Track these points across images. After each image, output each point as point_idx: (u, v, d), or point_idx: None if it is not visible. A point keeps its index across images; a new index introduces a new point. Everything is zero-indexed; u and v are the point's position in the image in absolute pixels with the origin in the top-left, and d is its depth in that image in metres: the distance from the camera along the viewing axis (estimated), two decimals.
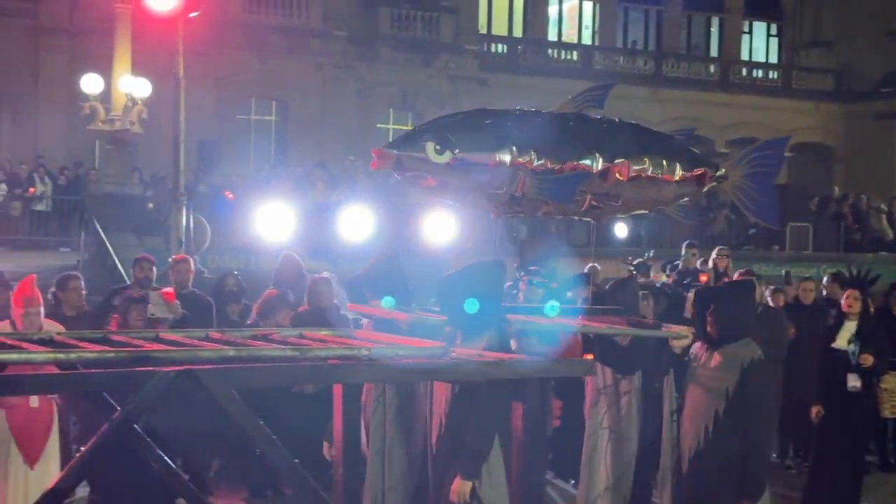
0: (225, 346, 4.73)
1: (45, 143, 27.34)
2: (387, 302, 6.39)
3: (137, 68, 20.04)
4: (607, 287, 8.42)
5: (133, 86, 19.57)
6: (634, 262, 13.13)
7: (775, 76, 40.00)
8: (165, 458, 5.30)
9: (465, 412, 5.89)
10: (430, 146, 5.77)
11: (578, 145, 6.16)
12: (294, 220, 14.26)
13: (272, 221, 14.16)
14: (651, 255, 15.18)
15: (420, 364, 4.96)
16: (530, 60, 35.24)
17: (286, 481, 4.72)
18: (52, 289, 9.72)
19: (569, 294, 11.80)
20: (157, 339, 5.01)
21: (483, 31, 35.62)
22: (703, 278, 12.78)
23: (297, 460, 4.62)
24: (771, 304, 11.48)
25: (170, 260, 11.96)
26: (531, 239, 23.26)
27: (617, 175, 6.21)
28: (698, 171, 6.65)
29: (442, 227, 14.60)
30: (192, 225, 17.76)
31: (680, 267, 13.40)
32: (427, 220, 15.21)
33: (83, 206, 21.49)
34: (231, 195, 22.32)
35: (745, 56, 40.35)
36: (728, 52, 39.64)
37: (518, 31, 36.86)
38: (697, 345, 6.66)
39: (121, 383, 4.27)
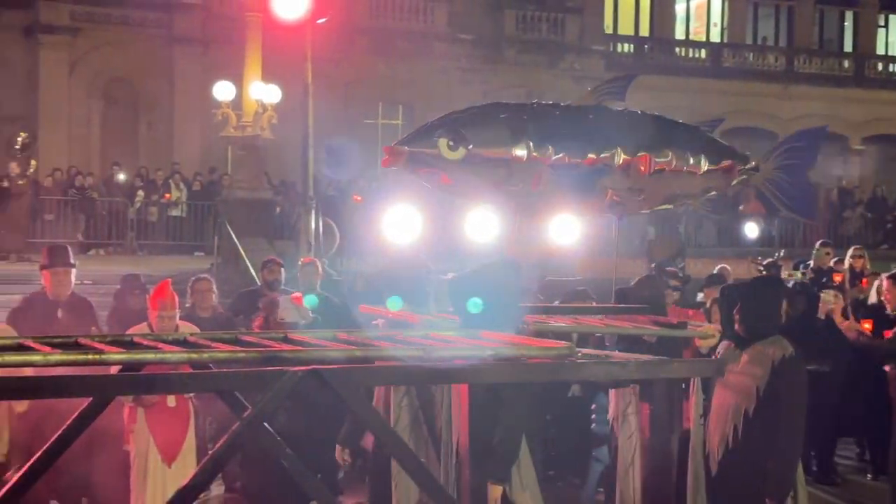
0: (351, 347, 4.78)
1: (180, 150, 28.11)
2: (392, 303, 6.22)
3: (267, 75, 20.43)
4: (632, 284, 8.10)
5: (263, 92, 19.98)
6: (764, 262, 12.87)
7: None
8: (296, 457, 5.38)
9: (490, 414, 5.74)
10: (442, 142, 5.54)
11: (598, 138, 5.92)
12: (420, 221, 14.33)
13: (399, 224, 14.25)
14: (782, 254, 14.87)
15: (546, 365, 4.94)
16: (657, 60, 34.88)
17: (412, 481, 4.75)
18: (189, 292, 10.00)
19: (699, 296, 11.64)
20: (286, 340, 5.08)
21: (609, 30, 35.38)
22: (838, 278, 12.45)
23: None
24: None
25: (298, 263, 12.17)
26: (659, 239, 23.01)
27: (639, 168, 5.98)
28: (725, 164, 6.39)
29: (566, 229, 14.54)
30: (321, 228, 18.03)
31: (812, 266, 13.07)
32: (552, 223, 15.14)
33: (216, 211, 22.00)
34: (359, 198, 22.60)
35: (880, 50, 39.20)
36: (862, 47, 38.57)
37: (644, 30, 36.49)
38: (724, 344, 6.43)
39: (250, 383, 4.36)
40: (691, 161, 6.22)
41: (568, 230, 14.74)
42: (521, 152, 5.66)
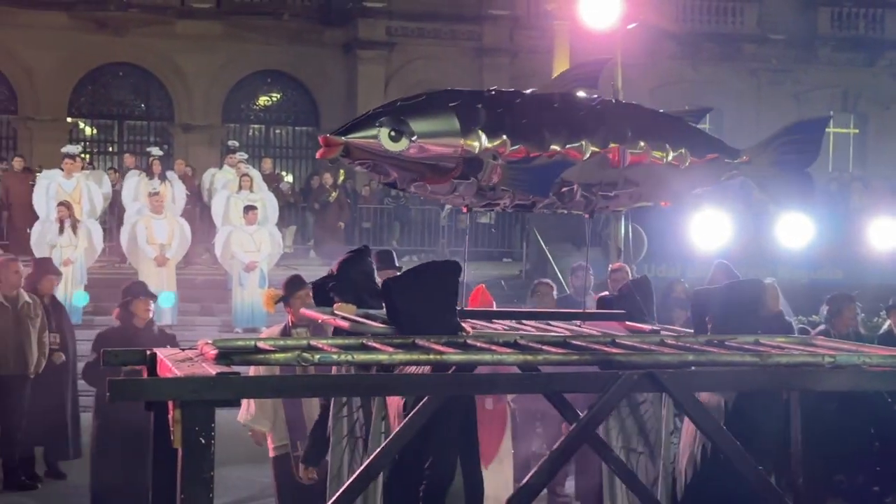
0: (685, 351, 4.75)
1: None
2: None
3: None
4: (616, 293, 7.29)
5: None
6: None
7: None
8: (622, 460, 5.40)
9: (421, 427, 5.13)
10: (383, 132, 4.97)
11: (563, 129, 5.30)
12: (729, 227, 14.07)
13: (707, 229, 14.07)
14: None
15: (889, 373, 4.74)
16: None
17: (754, 489, 4.66)
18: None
19: None
20: (614, 344, 5.10)
21: None
22: None
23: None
24: None
25: (608, 269, 12.19)
26: None
27: (610, 162, 5.36)
28: (711, 157, 5.72)
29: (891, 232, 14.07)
30: (629, 234, 17.95)
31: None
32: (872, 224, 14.68)
33: (524, 219, 22.31)
34: (667, 203, 22.35)
35: None
36: None
37: None
38: None
39: (587, 385, 4.41)
40: (671, 154, 5.60)
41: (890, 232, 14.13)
42: (472, 143, 5.09)
